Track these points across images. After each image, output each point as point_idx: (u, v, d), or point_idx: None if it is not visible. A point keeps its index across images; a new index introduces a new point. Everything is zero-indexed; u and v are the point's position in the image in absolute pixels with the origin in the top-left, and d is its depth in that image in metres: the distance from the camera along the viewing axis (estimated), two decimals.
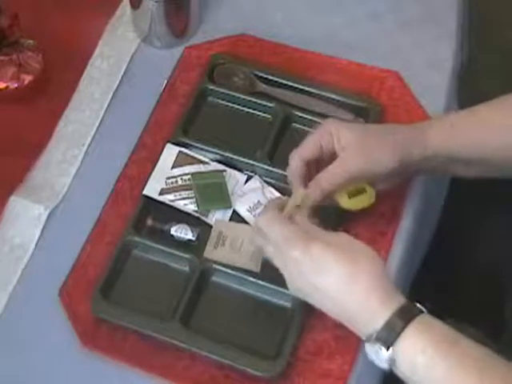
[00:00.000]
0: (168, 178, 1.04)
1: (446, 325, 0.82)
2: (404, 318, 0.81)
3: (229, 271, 0.98)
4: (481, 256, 1.21)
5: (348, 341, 0.94)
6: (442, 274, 1.21)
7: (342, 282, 0.84)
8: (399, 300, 0.83)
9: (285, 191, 1.02)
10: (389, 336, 0.81)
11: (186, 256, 0.99)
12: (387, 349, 0.81)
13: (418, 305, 0.83)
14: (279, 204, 0.92)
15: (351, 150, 0.95)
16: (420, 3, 1.23)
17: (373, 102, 1.11)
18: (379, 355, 0.82)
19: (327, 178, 0.94)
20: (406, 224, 1.03)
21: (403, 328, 0.80)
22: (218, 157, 1.06)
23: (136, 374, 0.93)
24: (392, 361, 0.81)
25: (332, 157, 0.96)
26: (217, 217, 1.03)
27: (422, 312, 0.82)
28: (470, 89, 1.26)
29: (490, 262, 1.20)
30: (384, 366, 0.82)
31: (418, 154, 0.96)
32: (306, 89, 1.12)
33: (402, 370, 0.82)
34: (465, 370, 0.79)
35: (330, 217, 0.98)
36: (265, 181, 1.05)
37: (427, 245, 1.14)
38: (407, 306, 0.82)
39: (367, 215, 1.01)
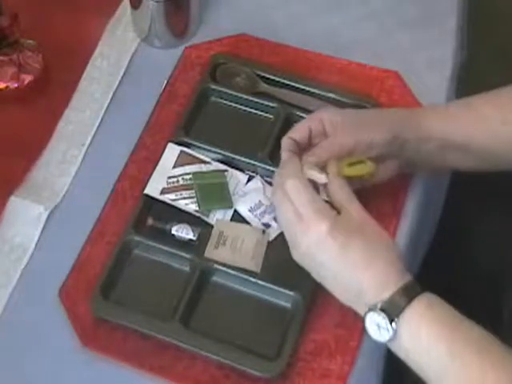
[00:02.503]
0: (169, 178, 1.04)
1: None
2: (409, 295, 0.83)
3: (229, 271, 0.98)
4: (481, 256, 1.21)
5: (348, 341, 0.94)
6: (442, 273, 1.21)
7: (360, 261, 0.85)
8: (409, 277, 0.85)
9: None
10: (394, 308, 0.83)
11: (187, 256, 0.99)
12: (390, 322, 0.82)
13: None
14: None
15: (344, 126, 0.96)
16: (420, 3, 1.23)
17: (373, 102, 1.11)
18: (381, 327, 0.83)
19: (322, 146, 0.95)
20: (406, 223, 1.03)
21: (409, 302, 0.83)
22: (219, 157, 1.06)
23: (136, 374, 0.93)
24: (393, 333, 0.82)
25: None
26: (218, 217, 1.02)
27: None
28: (469, 89, 1.26)
29: (490, 262, 1.20)
30: (384, 338, 0.83)
31: (412, 133, 0.97)
32: (307, 89, 1.12)
33: (402, 344, 0.83)
34: (466, 348, 0.81)
35: None
36: (266, 181, 1.05)
37: (427, 245, 1.14)
38: (414, 284, 0.85)
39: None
